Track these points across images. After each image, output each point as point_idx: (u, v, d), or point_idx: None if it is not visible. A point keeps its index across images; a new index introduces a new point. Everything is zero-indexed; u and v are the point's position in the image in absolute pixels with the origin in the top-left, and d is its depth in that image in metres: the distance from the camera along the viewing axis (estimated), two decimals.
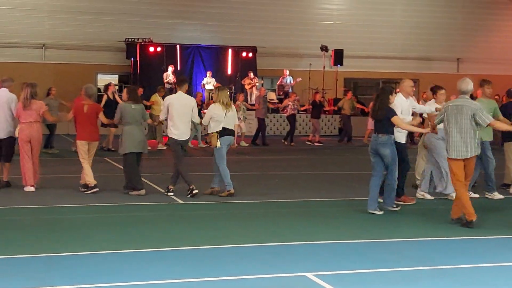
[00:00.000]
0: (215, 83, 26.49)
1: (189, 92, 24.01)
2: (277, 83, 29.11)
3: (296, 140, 23.18)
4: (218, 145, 11.18)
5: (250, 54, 29.61)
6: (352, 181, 13.85)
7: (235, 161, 17.69)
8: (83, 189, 11.52)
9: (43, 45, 28.48)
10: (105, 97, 18.82)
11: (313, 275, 6.67)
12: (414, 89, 11.64)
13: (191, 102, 11.51)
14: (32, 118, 11.62)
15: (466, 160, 9.23)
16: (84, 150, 11.55)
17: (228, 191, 11.30)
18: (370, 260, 7.40)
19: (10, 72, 26.58)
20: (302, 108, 24.92)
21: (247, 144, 21.81)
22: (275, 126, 27.47)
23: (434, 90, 11.70)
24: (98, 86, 28.60)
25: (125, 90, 11.98)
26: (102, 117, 11.81)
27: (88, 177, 11.45)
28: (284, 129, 26.56)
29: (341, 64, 29.88)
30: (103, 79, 29.89)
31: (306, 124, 27.47)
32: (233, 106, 11.55)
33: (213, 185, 11.53)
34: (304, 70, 29.63)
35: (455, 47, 33.57)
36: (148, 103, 19.49)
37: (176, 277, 6.58)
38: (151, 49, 28.06)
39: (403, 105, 10.81)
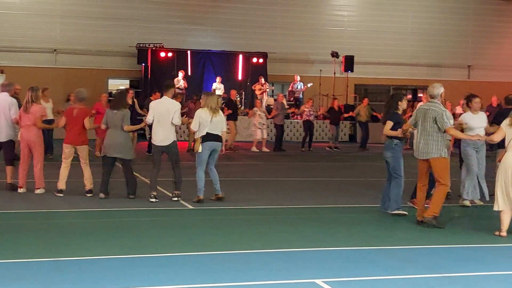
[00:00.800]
0: (223, 89, 26.62)
1: (199, 98, 24.25)
2: (288, 89, 29.10)
3: (313, 146, 23.28)
4: (200, 149, 11.14)
5: (261, 60, 29.62)
6: (363, 188, 13.81)
7: (248, 166, 17.77)
8: (88, 194, 11.59)
9: (55, 50, 28.62)
10: None
11: (322, 281, 6.65)
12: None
13: (174, 106, 11.33)
14: (30, 122, 11.70)
15: (431, 161, 9.59)
16: (66, 152, 11.63)
17: (197, 196, 11.25)
18: (380, 267, 7.37)
19: (21, 77, 26.86)
20: (319, 112, 25.06)
21: (268, 150, 21.94)
22: (292, 132, 27.45)
23: (469, 98, 11.64)
24: (110, 91, 28.75)
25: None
26: (86, 122, 11.68)
27: (60, 180, 11.55)
28: (300, 135, 26.65)
29: (352, 70, 29.84)
30: (114, 84, 30.04)
31: (323, 130, 27.51)
32: (220, 112, 11.48)
33: (216, 192, 11.48)
34: (315, 76, 29.60)
35: (465, 54, 33.50)
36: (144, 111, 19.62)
37: (186, 282, 6.57)
38: (162, 54, 28.13)
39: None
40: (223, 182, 11.81)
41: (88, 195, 11.59)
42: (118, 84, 30.84)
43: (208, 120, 11.12)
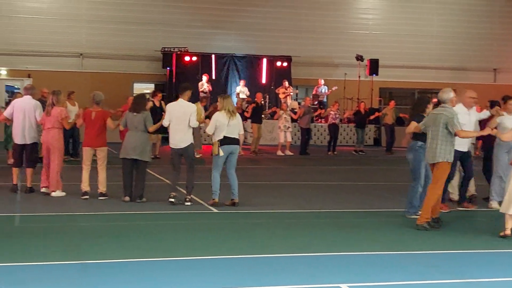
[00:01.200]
0: (247, 92, 26.68)
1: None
2: (312, 93, 29.07)
3: (337, 150, 23.32)
4: (221, 153, 11.12)
5: (285, 64, 29.62)
6: (387, 192, 13.76)
7: (272, 170, 17.79)
8: (101, 197, 11.68)
9: (81, 54, 28.92)
10: (150, 104, 19.02)
11: (347, 286, 6.64)
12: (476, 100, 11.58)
13: (190, 109, 11.31)
14: (51, 125, 11.89)
15: (435, 165, 9.70)
16: (87, 156, 11.74)
17: (212, 199, 11.27)
18: (404, 272, 7.34)
19: (48, 81, 27.17)
20: (345, 115, 25.04)
21: (292, 154, 21.97)
22: (316, 135, 27.40)
23: (505, 99, 11.69)
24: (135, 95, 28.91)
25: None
26: (109, 123, 11.85)
27: (83, 182, 11.67)
28: (324, 138, 26.67)
29: (377, 74, 29.75)
30: (139, 88, 30.22)
31: (347, 134, 27.46)
32: (238, 115, 11.42)
33: (232, 197, 11.46)
34: (339, 80, 29.55)
35: (491, 57, 33.20)
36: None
37: (210, 286, 6.61)
38: (187, 58, 28.26)
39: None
40: (247, 185, 11.86)
41: (100, 198, 11.67)
42: (143, 88, 31.01)
43: (226, 124, 11.10)
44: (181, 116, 11.19)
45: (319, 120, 27.07)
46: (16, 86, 28.37)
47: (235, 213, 10.85)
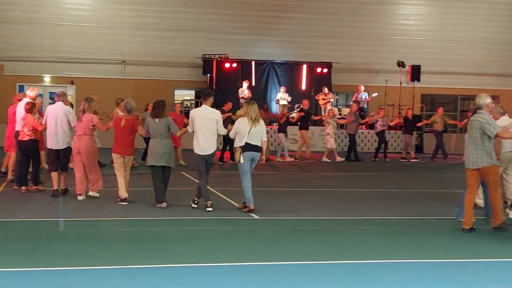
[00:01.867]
0: (289, 98, 26.67)
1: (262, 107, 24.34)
2: (352, 99, 28.91)
3: (389, 157, 23.31)
4: (241, 160, 11.09)
5: (325, 70, 29.56)
6: (430, 199, 13.57)
7: (315, 176, 17.73)
8: (121, 202, 11.80)
9: (123, 61, 29.29)
10: (225, 114, 19.28)
11: None
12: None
13: (215, 115, 11.27)
14: (81, 131, 12.12)
15: (481, 170, 9.77)
16: (118, 163, 11.85)
17: (248, 207, 11.21)
18: (447, 280, 7.23)
19: (91, 88, 27.57)
20: (392, 123, 24.90)
21: (342, 159, 21.95)
22: (363, 142, 27.26)
23: None
24: (175, 101, 29.20)
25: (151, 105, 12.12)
26: (140, 130, 11.93)
27: (120, 189, 11.77)
28: (372, 145, 26.54)
29: (418, 80, 29.46)
30: (180, 94, 30.50)
31: (395, 141, 27.27)
32: (261, 121, 11.30)
33: (245, 200, 11.41)
34: (380, 86, 29.35)
35: None
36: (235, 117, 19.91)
37: None
38: (227, 65, 28.40)
39: None
40: (288, 192, 11.80)
41: (120, 203, 11.77)
42: (184, 95, 31.32)
43: (247, 131, 11.03)
44: (206, 123, 11.17)
45: (361, 126, 26.90)
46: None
47: (276, 219, 10.83)
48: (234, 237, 9.33)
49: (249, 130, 11.01)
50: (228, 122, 19.93)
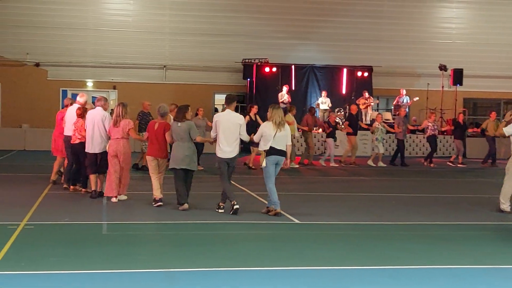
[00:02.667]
0: (330, 103, 26.59)
1: (303, 112, 24.47)
2: (393, 103, 28.69)
3: (436, 162, 23.08)
4: (264, 164, 11.14)
5: (366, 74, 29.40)
6: (476, 205, 13.37)
7: (358, 181, 17.64)
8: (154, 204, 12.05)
9: (164, 66, 29.56)
10: (247, 118, 19.43)
11: None
12: None
13: (239, 120, 11.40)
14: (119, 135, 12.39)
15: None
16: (152, 165, 12.17)
17: (275, 210, 11.23)
18: (491, 287, 7.11)
19: (132, 92, 27.94)
20: (443, 129, 24.72)
21: (385, 165, 21.84)
22: (411, 146, 27.04)
23: None
24: (216, 106, 29.37)
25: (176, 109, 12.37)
26: (167, 136, 12.04)
27: (155, 191, 12.05)
28: (420, 150, 26.35)
29: (461, 84, 29.11)
30: (220, 99, 30.62)
31: (443, 145, 27.00)
32: (286, 126, 11.31)
33: (268, 205, 11.44)
34: (422, 90, 29.10)
35: None
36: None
37: None
38: (267, 69, 28.44)
39: None
40: (330, 196, 11.75)
41: (155, 204, 12.02)
42: (224, 99, 31.41)
43: (272, 135, 11.08)
44: (230, 127, 11.29)
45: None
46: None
47: (317, 224, 10.80)
48: (275, 242, 9.33)
49: (274, 135, 11.08)
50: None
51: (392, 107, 28.78)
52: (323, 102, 26.70)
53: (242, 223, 10.65)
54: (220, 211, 11.45)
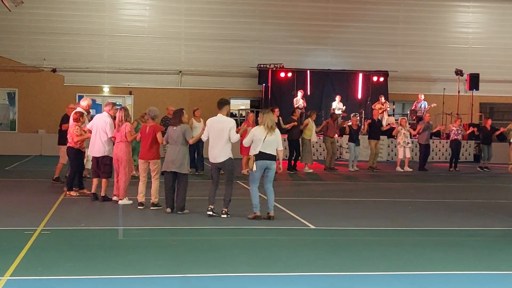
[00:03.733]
0: (343, 107, 26.54)
1: (320, 117, 24.50)
2: (410, 108, 28.57)
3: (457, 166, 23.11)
4: (254, 168, 11.20)
5: (381, 79, 29.34)
6: (495, 210, 13.27)
7: (381, 186, 17.57)
8: (152, 207, 12.24)
9: (180, 71, 29.66)
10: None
11: None
12: None
13: (229, 124, 11.40)
14: (119, 139, 12.69)
15: None
16: (143, 168, 12.41)
17: (254, 213, 11.27)
18: None
19: (148, 98, 28.06)
20: (468, 132, 24.66)
21: (411, 170, 21.84)
22: (433, 151, 26.89)
23: None
24: (232, 111, 29.39)
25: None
26: (159, 137, 12.25)
27: (138, 194, 12.37)
28: (443, 154, 26.25)
29: (477, 89, 28.95)
30: (235, 104, 30.69)
31: (466, 150, 26.86)
32: (277, 131, 11.32)
33: (268, 210, 11.39)
34: (438, 95, 28.96)
35: None
36: (288, 126, 20.00)
37: None
38: (282, 74, 28.46)
39: None
40: (350, 202, 11.69)
41: (152, 208, 12.17)
42: (239, 104, 31.51)
43: (262, 139, 11.13)
44: (219, 131, 11.35)
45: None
46: (118, 103, 29.38)
47: (334, 229, 10.77)
48: (291, 247, 9.31)
49: (264, 139, 11.12)
50: (298, 130, 20.25)
51: (408, 112, 28.66)
52: (338, 108, 26.64)
53: (258, 229, 10.63)
54: (225, 216, 11.42)
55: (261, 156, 11.17)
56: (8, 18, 27.57)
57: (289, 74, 28.58)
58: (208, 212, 11.41)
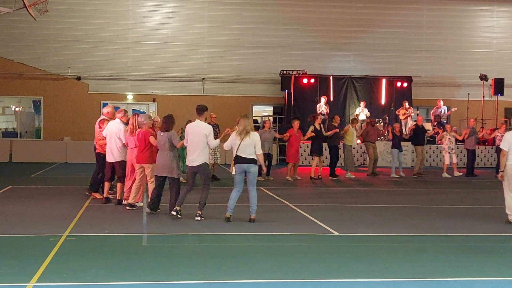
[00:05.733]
0: (368, 113, 26.45)
1: (343, 123, 24.46)
2: (431, 113, 28.40)
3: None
4: (233, 172, 11.53)
5: (405, 84, 29.17)
6: None
7: (408, 193, 17.46)
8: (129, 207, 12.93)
9: (203, 78, 29.78)
10: (311, 128, 19.71)
11: None
12: None
13: (205, 130, 11.75)
14: (133, 145, 13.04)
15: None
16: (138, 171, 12.95)
17: (226, 215, 11.60)
18: None
19: (172, 105, 28.19)
20: None
21: (460, 174, 21.98)
22: (479, 157, 26.68)
23: None
24: (254, 118, 29.41)
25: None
26: (152, 141, 12.70)
27: (131, 194, 13.00)
28: (488, 160, 26.06)
29: (502, 94, 28.71)
30: (258, 110, 30.73)
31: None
32: (253, 134, 11.49)
33: (250, 213, 11.65)
34: (462, 100, 28.76)
35: None
36: (329, 134, 20.35)
37: None
38: (305, 80, 28.42)
39: None
40: (374, 208, 11.61)
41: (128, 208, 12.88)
42: (262, 111, 31.54)
43: (237, 144, 11.42)
44: (196, 136, 11.72)
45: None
46: (141, 110, 29.62)
47: (357, 236, 10.72)
48: (315, 254, 9.28)
49: (240, 143, 11.39)
50: (337, 136, 20.42)
51: (432, 118, 28.48)
52: (362, 113, 26.55)
53: (281, 235, 10.63)
54: (199, 218, 11.67)
55: (238, 159, 11.49)
56: (34, 26, 27.90)
57: (312, 80, 28.55)
58: (172, 212, 11.79)
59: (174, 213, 11.76)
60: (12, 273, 7.64)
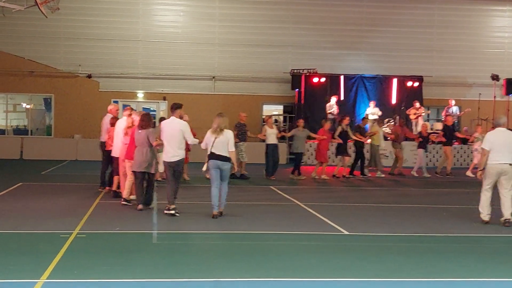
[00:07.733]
0: (379, 113, 26.36)
1: (352, 123, 24.40)
2: (442, 113, 28.28)
3: None
4: (204, 168, 11.90)
5: (416, 84, 29.05)
6: None
7: (424, 194, 17.41)
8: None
9: (213, 77, 29.78)
10: (339, 129, 19.81)
11: None
12: None
13: (181, 126, 12.08)
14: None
15: None
16: (127, 167, 13.20)
17: (212, 213, 11.83)
18: None
19: (183, 103, 28.07)
20: None
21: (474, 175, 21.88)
22: (462, 157, 26.62)
23: None
24: (263, 116, 29.38)
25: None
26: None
27: (125, 189, 13.33)
28: (470, 161, 25.96)
29: None
30: (268, 109, 30.70)
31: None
32: (226, 132, 11.80)
33: (220, 206, 12.01)
34: (473, 100, 28.63)
35: None
36: (368, 134, 21.11)
37: None
38: (315, 79, 28.35)
39: None
40: (385, 208, 11.58)
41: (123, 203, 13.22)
42: (272, 110, 31.50)
43: (212, 141, 11.75)
44: (172, 133, 12.05)
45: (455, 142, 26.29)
46: (152, 109, 29.66)
47: (367, 235, 10.70)
48: (324, 253, 9.27)
49: (214, 140, 11.72)
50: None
51: (443, 118, 28.34)
52: (372, 113, 26.48)
53: (291, 234, 10.62)
54: (168, 212, 11.98)
55: (212, 156, 11.79)
56: (45, 24, 27.98)
57: (322, 79, 28.47)
58: (171, 211, 11.95)
59: (172, 212, 11.96)
60: (23, 269, 7.69)
